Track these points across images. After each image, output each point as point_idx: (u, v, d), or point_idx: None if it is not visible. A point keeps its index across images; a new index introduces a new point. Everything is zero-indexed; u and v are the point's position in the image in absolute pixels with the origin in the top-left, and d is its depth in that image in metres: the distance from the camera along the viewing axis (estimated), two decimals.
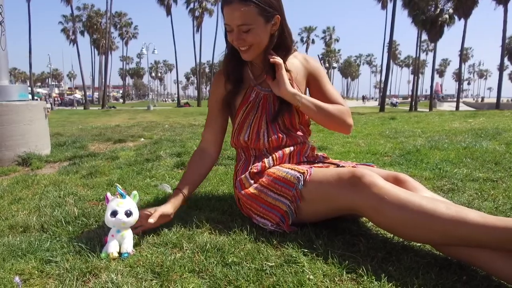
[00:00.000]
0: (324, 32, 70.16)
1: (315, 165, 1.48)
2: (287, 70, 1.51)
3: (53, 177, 2.63)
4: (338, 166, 1.48)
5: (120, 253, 1.27)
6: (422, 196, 1.15)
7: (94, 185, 2.29)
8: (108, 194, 1.36)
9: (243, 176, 1.52)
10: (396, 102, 47.30)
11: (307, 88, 1.64)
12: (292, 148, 1.55)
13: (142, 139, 4.56)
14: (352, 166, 1.48)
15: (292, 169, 1.42)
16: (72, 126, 13.07)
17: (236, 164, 1.64)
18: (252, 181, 1.49)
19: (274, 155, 1.52)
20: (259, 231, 1.42)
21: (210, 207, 1.73)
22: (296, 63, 1.59)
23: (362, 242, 1.28)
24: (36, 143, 3.76)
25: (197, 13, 45.50)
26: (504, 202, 1.67)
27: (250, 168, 1.53)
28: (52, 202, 1.95)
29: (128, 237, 1.31)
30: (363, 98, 74.04)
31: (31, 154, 3.51)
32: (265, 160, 1.52)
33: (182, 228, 1.48)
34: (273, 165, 1.52)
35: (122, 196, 1.33)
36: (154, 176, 2.41)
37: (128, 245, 1.29)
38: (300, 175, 1.35)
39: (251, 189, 1.47)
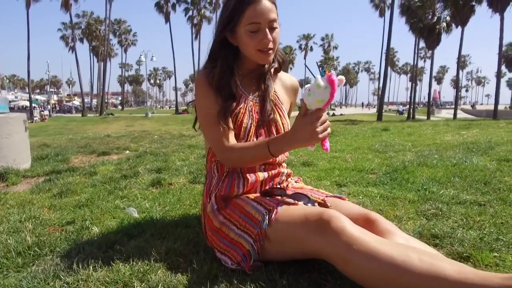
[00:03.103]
0: (322, 39, 70.34)
1: (285, 199, 1.35)
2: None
3: (23, 195, 2.51)
4: (308, 199, 1.36)
5: None
6: (394, 244, 1.03)
7: (60, 207, 2.17)
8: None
9: (209, 202, 1.41)
10: (403, 110, 46.78)
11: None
12: (266, 174, 1.44)
13: (127, 151, 4.44)
14: (322, 199, 1.38)
15: (259, 203, 1.30)
16: (69, 133, 12.95)
17: (208, 184, 1.51)
18: (216, 206, 1.37)
19: (246, 178, 1.41)
20: (220, 267, 1.30)
21: (175, 236, 1.61)
22: (288, 85, 1.58)
23: (329, 283, 1.16)
24: (15, 157, 3.64)
25: (195, 21, 45.64)
26: (490, 231, 1.55)
27: (217, 188, 1.41)
28: (10, 228, 1.83)
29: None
30: (363, 104, 74.37)
31: (8, 168, 3.39)
32: (235, 183, 1.41)
33: (139, 263, 1.35)
34: (243, 191, 1.41)
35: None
36: (126, 197, 2.29)
37: None
38: (266, 213, 1.24)
39: (214, 221, 1.35)
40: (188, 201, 2.11)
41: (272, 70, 1.48)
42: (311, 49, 67.90)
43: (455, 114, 29.70)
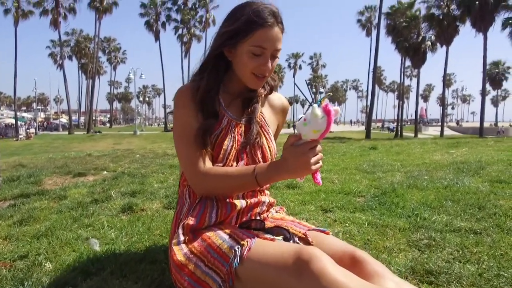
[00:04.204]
0: (311, 58, 71.45)
1: (260, 234, 1.18)
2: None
3: None
4: (288, 233, 1.20)
5: None
6: None
7: (18, 237, 1.96)
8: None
9: (176, 233, 1.23)
10: (393, 128, 47.26)
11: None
12: (243, 203, 1.26)
13: (105, 172, 4.23)
14: (303, 233, 1.21)
15: (231, 236, 1.13)
16: (54, 152, 12.57)
17: (178, 211, 1.33)
18: (182, 238, 1.19)
19: (220, 209, 1.23)
20: None
21: (137, 274, 1.42)
22: (276, 105, 1.45)
23: None
24: None
25: (185, 39, 45.88)
26: (489, 265, 1.39)
27: (187, 217, 1.24)
28: None
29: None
30: (351, 122, 75.61)
31: None
32: (207, 212, 1.23)
33: None
34: (216, 221, 1.23)
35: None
36: (92, 225, 2.08)
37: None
38: (238, 248, 1.07)
39: (178, 255, 1.17)
40: (159, 230, 1.92)
41: (263, 95, 1.38)
42: (300, 67, 68.88)
43: (442, 131, 30.05)
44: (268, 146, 1.32)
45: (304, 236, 1.22)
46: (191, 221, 1.21)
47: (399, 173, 3.26)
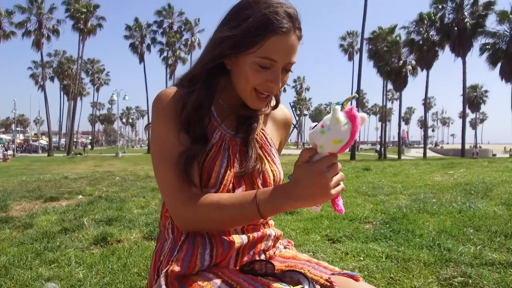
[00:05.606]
0: (295, 81, 72.66)
1: (270, 282, 0.88)
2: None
3: None
4: (306, 280, 0.90)
5: None
6: None
7: None
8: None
9: (157, 283, 0.92)
10: (379, 149, 47.47)
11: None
12: (244, 238, 0.96)
13: (80, 196, 3.86)
14: (327, 280, 0.92)
15: (231, 286, 0.83)
16: (32, 174, 11.99)
17: (158, 250, 1.02)
18: None
19: (216, 248, 0.93)
20: None
21: None
22: (278, 118, 1.17)
23: None
24: None
25: (170, 61, 45.89)
26: None
27: (171, 261, 0.92)
28: None
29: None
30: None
31: None
32: (198, 253, 0.92)
33: None
34: (209, 264, 0.93)
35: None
36: (57, 261, 1.74)
37: None
38: None
39: None
40: (137, 268, 1.59)
41: (267, 111, 1.10)
42: (284, 90, 69.77)
43: (424, 153, 30.43)
44: (272, 170, 1.02)
45: (328, 284, 0.92)
46: (176, 267, 0.89)
47: (402, 195, 3.02)
